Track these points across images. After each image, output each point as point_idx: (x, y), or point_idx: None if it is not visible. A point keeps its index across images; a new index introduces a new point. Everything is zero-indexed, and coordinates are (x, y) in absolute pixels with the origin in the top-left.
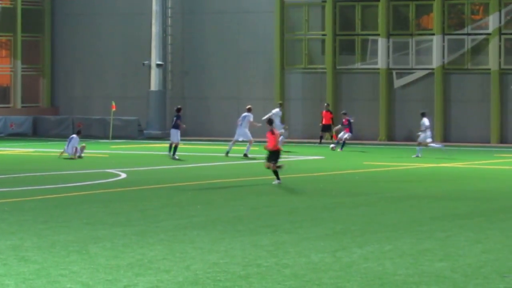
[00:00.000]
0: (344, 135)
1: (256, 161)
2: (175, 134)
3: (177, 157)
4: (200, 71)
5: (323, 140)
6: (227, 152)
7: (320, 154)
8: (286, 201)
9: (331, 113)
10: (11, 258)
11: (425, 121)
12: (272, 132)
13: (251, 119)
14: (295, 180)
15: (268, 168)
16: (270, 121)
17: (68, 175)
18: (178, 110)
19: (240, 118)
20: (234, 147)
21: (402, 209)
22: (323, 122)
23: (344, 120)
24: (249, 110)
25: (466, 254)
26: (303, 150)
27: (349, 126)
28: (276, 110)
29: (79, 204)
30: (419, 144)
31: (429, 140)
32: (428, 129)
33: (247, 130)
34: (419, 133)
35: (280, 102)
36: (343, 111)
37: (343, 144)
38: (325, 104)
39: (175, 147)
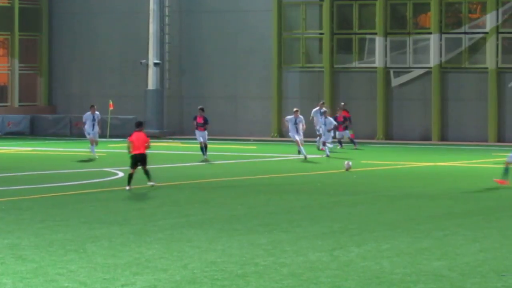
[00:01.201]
0: (340, 134)
1: (254, 160)
2: (197, 135)
3: (206, 156)
4: (197, 70)
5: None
6: (305, 155)
7: (318, 153)
8: (284, 200)
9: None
10: (8, 257)
11: (333, 121)
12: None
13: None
14: (293, 179)
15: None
16: (138, 123)
17: (66, 174)
18: (201, 110)
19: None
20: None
21: (400, 208)
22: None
23: (338, 116)
24: (294, 113)
25: (464, 253)
26: None
27: (343, 123)
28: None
29: (77, 203)
30: (324, 144)
31: (328, 139)
32: (333, 129)
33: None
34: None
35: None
36: (343, 103)
37: (339, 141)
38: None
39: (205, 147)
